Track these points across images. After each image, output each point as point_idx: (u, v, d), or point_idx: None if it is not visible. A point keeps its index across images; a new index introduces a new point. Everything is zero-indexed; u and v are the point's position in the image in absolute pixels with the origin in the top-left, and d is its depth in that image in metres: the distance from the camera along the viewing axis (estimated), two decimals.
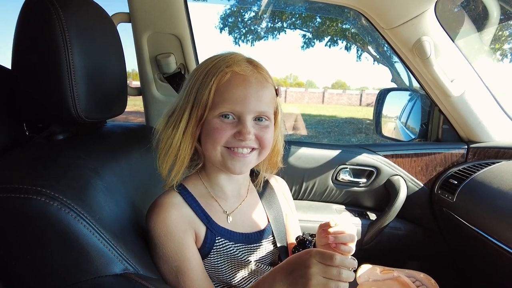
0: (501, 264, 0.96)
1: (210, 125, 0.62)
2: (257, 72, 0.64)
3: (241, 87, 0.61)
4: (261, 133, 0.64)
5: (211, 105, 0.61)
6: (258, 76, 0.63)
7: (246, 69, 0.62)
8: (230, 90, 0.61)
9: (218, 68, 0.61)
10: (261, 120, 0.64)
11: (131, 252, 0.52)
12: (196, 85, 0.63)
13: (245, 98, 0.61)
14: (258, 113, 0.63)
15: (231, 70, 0.61)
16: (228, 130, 0.62)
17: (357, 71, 43.67)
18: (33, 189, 0.46)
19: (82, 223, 0.47)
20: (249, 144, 0.63)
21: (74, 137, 0.69)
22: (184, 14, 1.16)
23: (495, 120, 1.26)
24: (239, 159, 0.64)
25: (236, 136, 0.62)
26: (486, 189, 1.06)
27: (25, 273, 0.47)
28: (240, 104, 0.61)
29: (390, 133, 1.98)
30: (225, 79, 0.61)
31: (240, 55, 0.65)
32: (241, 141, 0.62)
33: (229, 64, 0.61)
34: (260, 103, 0.62)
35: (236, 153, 0.63)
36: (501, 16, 1.30)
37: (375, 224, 1.30)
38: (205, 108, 0.62)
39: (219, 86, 0.61)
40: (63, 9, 0.57)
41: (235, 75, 0.61)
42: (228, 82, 0.61)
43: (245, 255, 0.70)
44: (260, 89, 0.63)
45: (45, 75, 0.58)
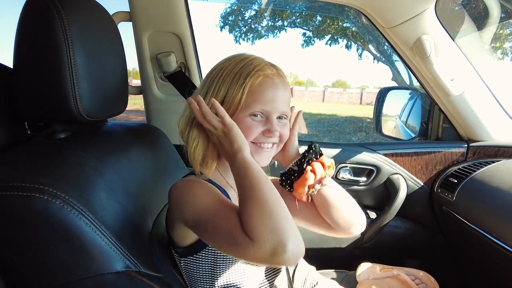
0: (500, 263, 0.97)
1: (241, 123, 0.66)
2: (280, 76, 0.71)
3: (271, 89, 0.68)
4: (282, 130, 0.71)
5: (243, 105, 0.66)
6: (282, 80, 0.70)
7: (273, 73, 0.69)
8: (262, 92, 0.67)
9: (250, 70, 0.66)
10: (281, 118, 0.71)
11: (132, 249, 0.53)
12: (225, 83, 0.67)
13: (274, 100, 0.68)
14: (281, 112, 0.70)
15: (263, 73, 0.67)
16: (258, 128, 0.68)
17: (358, 70, 43.65)
18: (36, 187, 0.46)
19: (84, 220, 0.47)
20: (274, 140, 0.71)
21: (76, 136, 0.70)
22: (185, 13, 1.16)
23: (495, 119, 1.26)
24: (266, 154, 0.71)
25: (265, 133, 0.69)
26: (486, 187, 1.06)
27: (27, 270, 0.48)
28: (270, 105, 0.67)
29: (390, 132, 1.98)
30: (257, 81, 0.66)
31: (263, 59, 0.71)
32: (269, 138, 0.69)
33: (260, 67, 0.67)
34: (284, 104, 0.70)
35: (263, 148, 0.70)
36: (501, 15, 1.30)
37: (375, 222, 1.30)
38: (237, 107, 0.66)
39: (252, 88, 0.66)
40: (64, 9, 0.57)
41: (266, 78, 0.67)
42: (260, 85, 0.67)
43: None
44: (284, 91, 0.70)
45: (47, 74, 0.59)
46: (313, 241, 1.31)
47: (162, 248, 0.71)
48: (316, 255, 1.20)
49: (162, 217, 0.78)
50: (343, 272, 1.16)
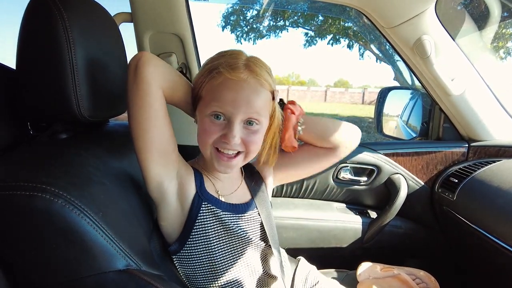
0: (501, 262, 0.97)
1: (201, 124, 0.66)
2: (252, 77, 0.64)
3: (232, 91, 0.63)
4: (248, 138, 0.66)
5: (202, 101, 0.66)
6: (252, 81, 0.64)
7: (240, 74, 0.63)
8: (221, 92, 0.63)
9: (214, 69, 0.64)
10: (251, 124, 0.66)
11: (133, 248, 0.53)
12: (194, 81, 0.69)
13: (235, 102, 0.63)
14: (247, 116, 0.64)
15: (223, 75, 0.63)
16: (216, 132, 0.65)
17: (360, 70, 43.48)
18: (38, 186, 0.47)
19: (86, 220, 0.48)
20: (234, 147, 0.66)
21: (78, 136, 0.70)
22: (186, 13, 1.16)
23: (495, 119, 1.26)
24: (224, 162, 0.67)
25: (222, 138, 0.64)
26: (487, 187, 1.06)
27: (29, 269, 0.48)
28: (230, 107, 0.63)
29: (391, 132, 1.98)
30: (219, 80, 0.63)
31: (240, 56, 0.66)
32: (226, 144, 0.65)
33: (225, 65, 0.63)
34: (251, 108, 0.64)
35: (222, 155, 0.67)
36: (503, 14, 1.29)
37: (376, 222, 1.30)
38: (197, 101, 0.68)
39: (212, 86, 0.64)
40: (66, 10, 0.58)
41: (227, 78, 0.63)
42: (220, 84, 0.63)
43: (233, 224, 0.72)
44: (252, 94, 0.64)
45: (49, 75, 0.59)
46: (313, 241, 1.31)
47: (163, 247, 0.71)
48: (317, 255, 1.20)
49: None
50: (343, 272, 1.16)
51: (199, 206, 0.69)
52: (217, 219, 0.70)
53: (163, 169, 0.66)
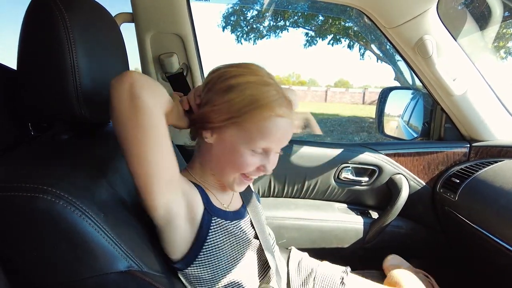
0: (502, 263, 0.96)
1: (237, 155, 0.63)
2: (291, 113, 0.64)
3: (281, 130, 0.63)
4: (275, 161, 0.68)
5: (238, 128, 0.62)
6: (291, 117, 0.64)
7: (287, 112, 0.63)
8: (271, 129, 0.61)
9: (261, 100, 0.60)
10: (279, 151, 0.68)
11: (135, 249, 0.53)
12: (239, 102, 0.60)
13: (281, 139, 0.64)
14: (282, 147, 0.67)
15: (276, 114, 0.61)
16: (256, 165, 0.65)
17: (360, 70, 43.49)
18: (39, 187, 0.47)
19: (87, 221, 0.48)
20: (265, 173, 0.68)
21: (79, 137, 0.70)
22: (187, 14, 1.16)
23: (497, 119, 1.25)
24: (247, 183, 0.69)
25: (260, 169, 0.66)
26: (488, 187, 1.06)
27: (31, 270, 0.48)
28: (275, 143, 0.64)
29: (392, 132, 1.98)
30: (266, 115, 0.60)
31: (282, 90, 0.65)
32: (261, 172, 0.66)
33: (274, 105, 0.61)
34: (287, 141, 0.66)
35: (249, 179, 0.68)
36: (504, 14, 1.29)
37: (377, 222, 1.30)
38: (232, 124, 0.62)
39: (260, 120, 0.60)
40: (67, 11, 0.57)
41: (279, 117, 0.61)
42: (269, 119, 0.60)
43: (240, 230, 0.73)
44: (291, 130, 0.65)
45: (50, 76, 0.59)
46: (315, 241, 1.31)
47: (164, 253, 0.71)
48: (318, 255, 1.20)
49: None
50: None
51: (209, 223, 0.66)
52: (227, 231, 0.69)
53: (171, 195, 0.59)
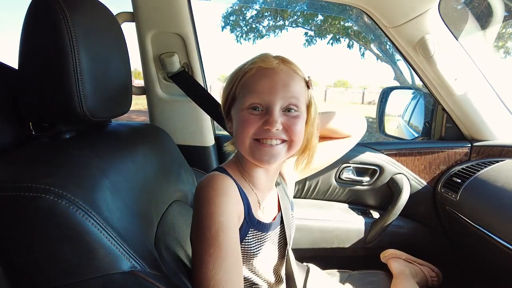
0: (504, 263, 0.96)
1: (239, 118, 0.64)
2: (284, 64, 0.64)
3: (267, 77, 0.62)
4: (289, 123, 0.62)
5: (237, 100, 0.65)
6: (285, 68, 0.63)
7: (272, 62, 0.63)
8: (257, 82, 0.62)
9: (243, 66, 0.65)
10: (290, 111, 0.63)
11: (138, 249, 0.53)
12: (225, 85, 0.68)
13: (272, 87, 0.61)
14: (286, 102, 0.62)
15: (256, 65, 0.63)
16: (256, 121, 0.62)
17: (360, 69, 43.50)
18: (42, 187, 0.46)
19: (90, 221, 0.47)
20: (277, 134, 0.62)
21: (80, 136, 0.70)
22: (188, 13, 1.16)
23: (498, 118, 1.25)
24: (267, 151, 0.63)
25: (264, 125, 0.61)
26: (490, 187, 1.06)
27: (33, 270, 0.48)
28: (267, 94, 0.61)
29: (393, 132, 1.98)
30: (250, 73, 0.63)
31: (268, 53, 0.67)
32: (268, 131, 0.61)
33: (254, 60, 0.64)
34: (288, 92, 0.62)
35: (264, 144, 0.62)
36: (505, 13, 1.29)
37: (378, 222, 1.30)
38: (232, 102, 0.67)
39: (245, 80, 0.63)
40: (69, 9, 0.57)
41: (261, 68, 0.62)
42: (253, 75, 0.63)
43: (272, 242, 0.73)
44: (288, 79, 0.63)
45: (52, 75, 0.59)
46: (315, 242, 1.31)
47: (167, 248, 0.71)
48: (319, 255, 1.20)
49: (167, 217, 0.78)
50: (346, 272, 1.15)
51: (246, 232, 0.67)
52: (260, 242, 0.70)
53: None
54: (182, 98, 1.25)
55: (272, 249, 0.75)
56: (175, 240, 0.77)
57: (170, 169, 0.91)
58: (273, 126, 0.60)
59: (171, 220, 0.80)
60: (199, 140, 1.32)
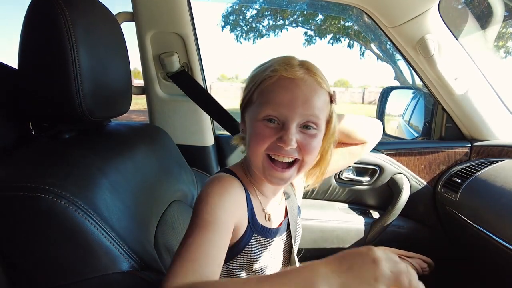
0: (504, 262, 0.96)
1: (253, 129, 0.60)
2: (309, 76, 0.59)
3: (288, 90, 0.57)
4: (305, 142, 0.59)
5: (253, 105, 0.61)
6: (309, 80, 0.58)
7: (296, 72, 0.58)
8: (276, 93, 0.57)
9: (267, 68, 0.60)
10: (308, 128, 0.59)
11: (137, 249, 0.53)
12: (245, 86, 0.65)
13: (291, 102, 0.56)
14: (305, 119, 0.58)
15: (278, 73, 0.57)
16: (271, 136, 0.58)
17: (360, 69, 43.51)
18: (41, 187, 0.46)
19: (89, 221, 0.47)
20: (290, 152, 0.59)
21: (80, 136, 0.70)
22: (188, 13, 1.16)
23: (498, 118, 1.25)
24: (278, 175, 0.60)
25: (278, 142, 0.57)
26: (490, 187, 1.06)
27: (34, 270, 0.48)
28: (286, 109, 0.57)
29: (393, 132, 1.98)
30: (271, 81, 0.58)
31: (293, 57, 0.62)
32: (281, 148, 0.58)
33: (276, 66, 0.58)
34: (308, 109, 0.57)
35: (276, 165, 0.60)
36: (505, 13, 1.29)
37: (378, 222, 1.30)
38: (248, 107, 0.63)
39: (265, 87, 0.58)
40: (69, 9, 0.57)
41: (283, 78, 0.57)
42: (273, 84, 0.58)
43: (276, 248, 0.72)
44: (310, 93, 0.58)
45: (52, 75, 0.59)
46: (315, 241, 1.31)
47: (167, 248, 0.71)
48: (319, 255, 1.19)
49: (166, 217, 0.78)
50: None
51: (250, 238, 0.66)
52: (263, 248, 0.69)
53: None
54: (181, 98, 1.25)
55: (277, 254, 0.74)
56: (174, 240, 0.77)
57: (169, 169, 0.91)
58: (287, 144, 0.57)
59: (170, 220, 0.80)
60: (199, 140, 1.32)
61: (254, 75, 0.63)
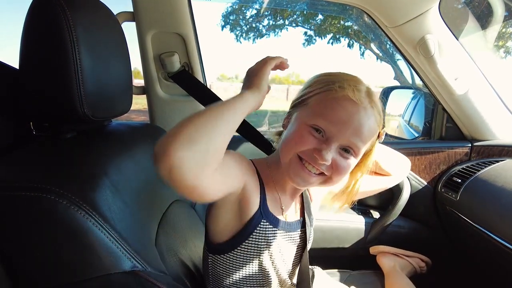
0: (504, 262, 0.96)
1: (297, 129, 0.62)
2: (370, 107, 0.61)
3: (347, 112, 0.58)
4: (339, 163, 0.61)
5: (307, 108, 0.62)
6: (369, 111, 0.60)
7: (362, 98, 0.59)
8: (335, 110, 0.59)
9: (337, 81, 0.60)
10: (347, 152, 0.61)
11: (139, 249, 0.53)
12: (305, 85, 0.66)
13: (345, 124, 0.58)
14: (348, 143, 0.60)
15: (344, 92, 0.58)
16: (311, 143, 0.60)
17: (359, 69, 43.56)
18: (42, 187, 0.46)
19: (91, 220, 0.47)
20: (321, 167, 0.61)
21: (81, 136, 0.70)
22: (188, 13, 1.16)
23: (499, 118, 1.25)
24: (304, 176, 0.62)
25: (315, 152, 0.59)
26: (490, 187, 1.06)
27: (34, 270, 0.48)
28: (337, 127, 0.58)
29: (393, 131, 1.98)
30: (335, 95, 0.59)
31: (361, 81, 0.63)
32: (315, 159, 0.59)
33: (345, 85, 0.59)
34: (356, 136, 0.59)
35: (304, 168, 0.61)
36: (505, 13, 1.29)
37: (379, 222, 1.30)
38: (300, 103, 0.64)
39: (326, 98, 0.60)
40: (70, 9, 0.57)
41: (347, 98, 0.58)
42: (336, 100, 0.59)
43: (284, 241, 0.71)
44: (365, 121, 0.59)
45: (53, 75, 0.59)
46: (315, 241, 1.30)
47: (168, 248, 0.71)
48: (319, 255, 1.20)
49: (167, 216, 0.78)
50: (346, 272, 1.15)
51: (258, 223, 0.65)
52: (273, 238, 0.68)
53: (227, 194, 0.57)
54: (182, 98, 1.25)
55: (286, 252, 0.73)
56: (175, 239, 0.77)
57: None
58: (323, 159, 0.58)
59: (171, 220, 0.80)
60: None
61: (319, 81, 0.63)
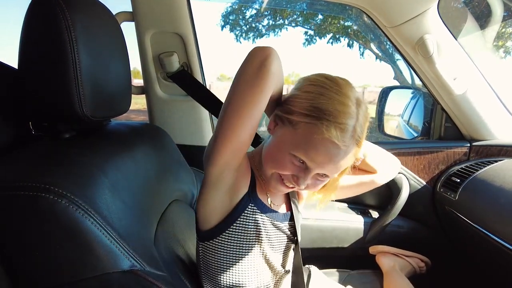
0: (503, 262, 0.96)
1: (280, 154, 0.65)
2: (354, 145, 0.62)
3: (327, 154, 0.60)
4: (314, 183, 0.67)
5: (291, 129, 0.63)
6: (350, 148, 0.61)
7: (345, 140, 0.60)
8: (317, 150, 0.60)
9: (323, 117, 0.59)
10: (322, 176, 0.66)
11: (137, 248, 0.53)
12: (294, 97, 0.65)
13: (324, 162, 0.62)
14: (325, 173, 0.65)
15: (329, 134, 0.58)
16: (291, 171, 0.64)
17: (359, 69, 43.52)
18: (42, 186, 0.46)
19: (90, 220, 0.47)
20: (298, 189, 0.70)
21: (80, 136, 0.70)
22: (187, 13, 1.16)
23: (497, 118, 1.25)
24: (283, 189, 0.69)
25: (293, 178, 0.65)
26: (489, 187, 1.06)
27: (33, 269, 0.48)
28: (316, 163, 0.62)
29: (392, 131, 1.98)
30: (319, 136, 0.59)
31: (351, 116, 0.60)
32: (293, 182, 0.65)
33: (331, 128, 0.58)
34: (333, 169, 0.64)
35: (283, 183, 0.67)
36: (504, 13, 1.29)
37: (378, 222, 1.30)
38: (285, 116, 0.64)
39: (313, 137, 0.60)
40: (69, 9, 0.57)
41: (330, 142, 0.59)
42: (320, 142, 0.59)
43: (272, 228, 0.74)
44: (344, 160, 0.63)
45: (52, 74, 0.59)
46: (315, 241, 1.31)
47: (167, 247, 0.71)
48: (318, 255, 1.20)
49: (166, 216, 0.79)
50: (345, 272, 1.16)
51: (246, 206, 0.69)
52: (258, 222, 0.70)
53: (233, 160, 0.63)
54: (181, 97, 1.25)
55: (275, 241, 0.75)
56: (174, 239, 0.77)
57: (169, 169, 0.91)
58: (299, 186, 0.64)
59: (170, 219, 0.80)
60: (199, 139, 1.32)
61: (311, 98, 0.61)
